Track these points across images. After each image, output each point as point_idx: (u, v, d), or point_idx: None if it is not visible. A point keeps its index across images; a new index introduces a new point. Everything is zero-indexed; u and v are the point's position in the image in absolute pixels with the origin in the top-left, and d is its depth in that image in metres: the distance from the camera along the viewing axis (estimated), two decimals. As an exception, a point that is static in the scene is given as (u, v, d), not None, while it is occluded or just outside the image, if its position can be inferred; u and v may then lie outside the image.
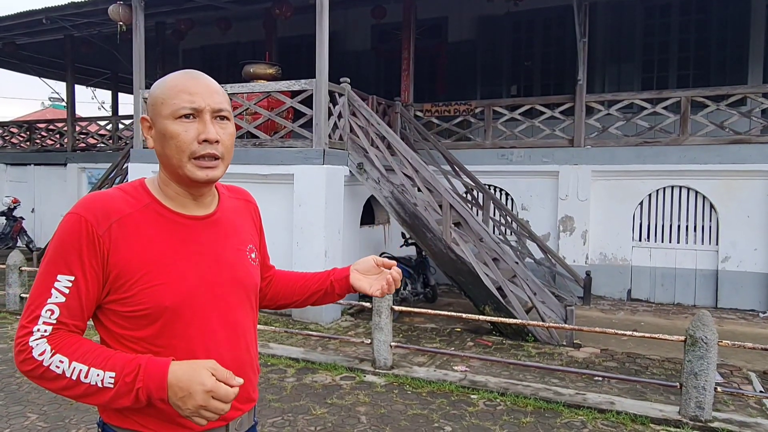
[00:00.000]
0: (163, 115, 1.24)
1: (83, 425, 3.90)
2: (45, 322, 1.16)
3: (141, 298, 1.21)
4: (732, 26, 8.90)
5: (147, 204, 1.27)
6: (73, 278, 1.18)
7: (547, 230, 8.74)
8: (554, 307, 6.57)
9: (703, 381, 3.88)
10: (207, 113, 1.25)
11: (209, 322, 1.29)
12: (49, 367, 1.14)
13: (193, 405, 1.12)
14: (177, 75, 1.30)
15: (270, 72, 8.26)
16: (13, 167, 12.99)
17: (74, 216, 1.20)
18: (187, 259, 1.27)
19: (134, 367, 1.14)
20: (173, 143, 1.24)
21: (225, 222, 1.39)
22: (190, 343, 1.26)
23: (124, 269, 1.20)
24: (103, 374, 1.13)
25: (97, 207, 1.21)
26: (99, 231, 1.19)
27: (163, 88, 1.27)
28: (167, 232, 1.27)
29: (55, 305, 1.17)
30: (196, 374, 1.12)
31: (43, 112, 26.18)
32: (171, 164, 1.27)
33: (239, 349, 1.34)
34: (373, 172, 7.08)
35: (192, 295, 1.26)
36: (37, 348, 1.15)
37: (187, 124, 1.24)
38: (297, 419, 4.04)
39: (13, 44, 11.18)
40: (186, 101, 1.24)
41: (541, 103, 8.88)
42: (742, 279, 7.72)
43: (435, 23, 10.67)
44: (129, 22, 8.15)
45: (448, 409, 4.23)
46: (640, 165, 8.11)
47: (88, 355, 1.16)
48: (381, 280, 1.57)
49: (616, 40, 9.65)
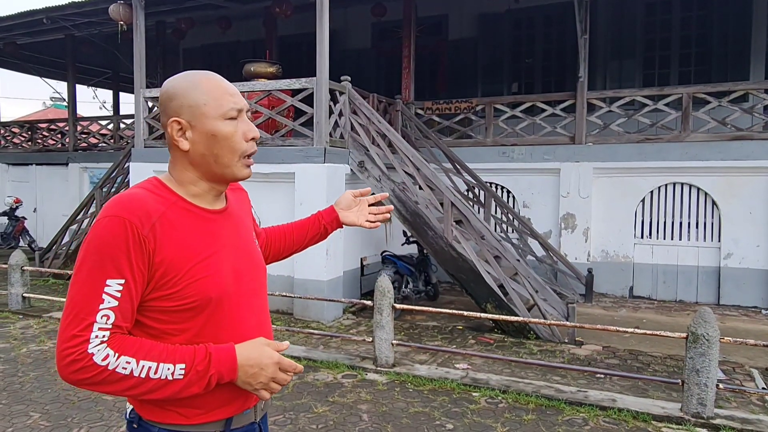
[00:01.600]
0: (211, 116, 1.28)
1: (85, 424, 3.91)
2: (101, 328, 1.17)
3: (188, 292, 1.25)
4: (733, 22, 8.87)
5: (174, 201, 1.30)
6: (123, 281, 1.19)
7: (548, 228, 8.74)
8: (556, 305, 6.56)
9: (705, 378, 3.87)
10: (245, 113, 1.33)
11: (242, 310, 1.35)
12: (114, 370, 1.16)
13: (265, 378, 1.26)
14: (204, 76, 1.32)
15: (270, 70, 8.27)
16: (14, 167, 13.02)
17: (116, 219, 1.19)
18: (219, 252, 1.32)
19: (204, 356, 1.22)
20: (227, 144, 1.29)
21: (234, 214, 1.45)
22: (229, 332, 1.31)
23: (170, 266, 1.24)
24: (173, 367, 1.19)
25: (136, 207, 1.22)
26: (144, 231, 1.20)
27: (201, 89, 1.29)
28: (198, 227, 1.31)
29: (110, 310, 1.18)
30: (262, 351, 1.27)
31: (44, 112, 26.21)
32: (219, 164, 1.30)
33: (265, 332, 1.41)
34: (374, 171, 7.08)
35: (229, 285, 1.32)
36: (98, 354, 1.16)
37: (236, 124, 1.30)
38: (298, 417, 4.04)
39: (14, 44, 11.18)
40: (231, 102, 1.29)
41: (542, 100, 8.86)
42: (745, 276, 7.70)
43: (435, 21, 10.66)
44: (129, 21, 8.16)
45: (450, 407, 4.23)
46: (642, 162, 8.09)
47: (152, 352, 1.20)
48: (364, 211, 1.81)
49: (617, 37, 9.63)
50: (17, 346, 5.76)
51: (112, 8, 8.10)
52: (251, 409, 1.40)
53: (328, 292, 6.76)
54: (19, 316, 7.01)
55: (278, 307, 7.23)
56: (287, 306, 7.17)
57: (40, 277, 9.19)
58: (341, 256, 7.15)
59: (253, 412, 1.41)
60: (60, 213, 11.71)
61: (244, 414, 1.38)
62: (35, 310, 7.17)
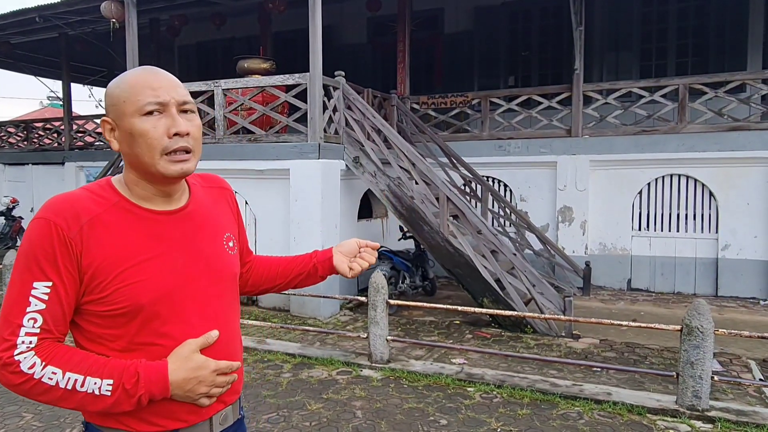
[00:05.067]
0: (128, 113, 1.21)
1: (78, 424, 3.90)
2: (28, 333, 1.14)
3: (117, 297, 1.19)
4: (730, 12, 8.80)
5: (116, 202, 1.25)
6: (50, 284, 1.16)
7: (545, 221, 8.70)
8: (553, 299, 6.55)
9: (700, 370, 3.85)
10: (173, 107, 1.23)
11: (188, 317, 1.27)
12: (40, 380, 1.12)
13: (205, 387, 1.24)
14: (135, 72, 1.27)
15: (264, 67, 8.22)
16: (11, 167, 12.98)
17: (42, 221, 1.17)
18: (161, 256, 1.25)
19: (133, 374, 1.15)
20: (143, 141, 1.21)
21: (197, 214, 1.36)
22: (169, 340, 1.24)
23: (98, 269, 1.18)
24: (100, 382, 1.14)
25: (65, 209, 1.18)
26: (70, 234, 1.16)
27: (123, 87, 1.24)
28: (139, 229, 1.25)
29: (36, 313, 1.15)
30: (196, 362, 1.23)
31: (41, 112, 26.17)
32: (142, 163, 1.23)
33: (220, 341, 1.32)
34: (369, 166, 7.04)
35: (169, 291, 1.24)
36: (25, 361, 1.13)
37: (155, 120, 1.21)
38: (292, 415, 4.03)
39: (7, 43, 11.12)
40: (150, 96, 1.21)
41: (538, 93, 8.81)
42: (743, 267, 7.67)
43: (431, 14, 10.59)
44: (122, 19, 8.10)
45: (444, 403, 4.22)
46: (639, 154, 8.05)
47: (81, 364, 1.15)
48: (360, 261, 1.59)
49: (613, 28, 9.57)
50: (12, 346, 5.74)
51: (104, 6, 8.03)
52: (205, 422, 1.32)
53: (325, 289, 6.71)
54: (15, 316, 7.00)
55: (275, 304, 7.21)
56: (284, 303, 7.15)
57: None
58: (337, 253, 7.12)
59: (208, 425, 1.33)
60: (57, 212, 11.68)
61: (194, 427, 1.30)
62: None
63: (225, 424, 1.37)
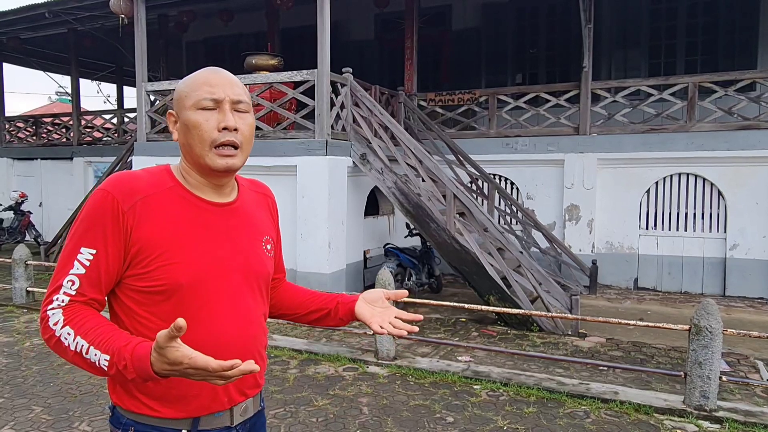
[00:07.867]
0: (187, 107, 1.31)
1: (87, 417, 3.93)
2: (65, 293, 1.22)
3: (159, 275, 1.25)
4: (740, 10, 8.74)
5: (171, 186, 1.33)
6: (94, 251, 1.23)
7: (552, 219, 8.68)
8: (559, 297, 6.53)
9: (708, 370, 3.84)
10: (227, 104, 1.31)
11: (220, 306, 1.32)
12: (59, 338, 1.18)
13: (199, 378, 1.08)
14: (201, 71, 1.36)
15: (272, 63, 8.22)
16: (20, 162, 13.06)
17: (102, 192, 1.26)
18: (204, 242, 1.31)
19: (122, 358, 1.12)
20: (195, 133, 1.30)
21: (243, 212, 1.43)
22: (202, 326, 1.28)
23: (145, 245, 1.25)
24: (100, 355, 1.15)
25: (124, 184, 1.27)
26: (124, 207, 1.24)
27: (187, 83, 1.34)
28: (188, 214, 1.32)
29: (75, 276, 1.22)
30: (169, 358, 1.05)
31: (50, 107, 26.28)
32: (193, 154, 1.32)
33: (246, 336, 1.37)
34: (376, 163, 7.04)
35: (206, 277, 1.29)
36: (52, 317, 1.20)
37: (209, 114, 1.30)
38: (299, 410, 4.04)
39: (17, 39, 11.19)
40: (207, 92, 1.30)
41: (546, 90, 8.78)
42: (751, 267, 7.63)
43: (439, 11, 10.57)
44: (131, 14, 8.13)
45: (451, 400, 4.22)
46: (647, 152, 8.01)
47: (91, 332, 1.17)
48: (385, 315, 1.52)
49: (622, 26, 9.52)
50: (21, 340, 5.79)
51: (113, 1, 8.07)
52: (225, 412, 1.35)
53: (331, 285, 6.76)
54: (23, 310, 7.05)
55: (281, 300, 7.23)
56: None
57: (46, 271, 9.22)
58: (344, 249, 7.14)
59: (229, 416, 1.36)
60: (65, 207, 11.76)
61: (214, 416, 1.33)
62: (39, 304, 7.20)
63: (246, 416, 1.41)
